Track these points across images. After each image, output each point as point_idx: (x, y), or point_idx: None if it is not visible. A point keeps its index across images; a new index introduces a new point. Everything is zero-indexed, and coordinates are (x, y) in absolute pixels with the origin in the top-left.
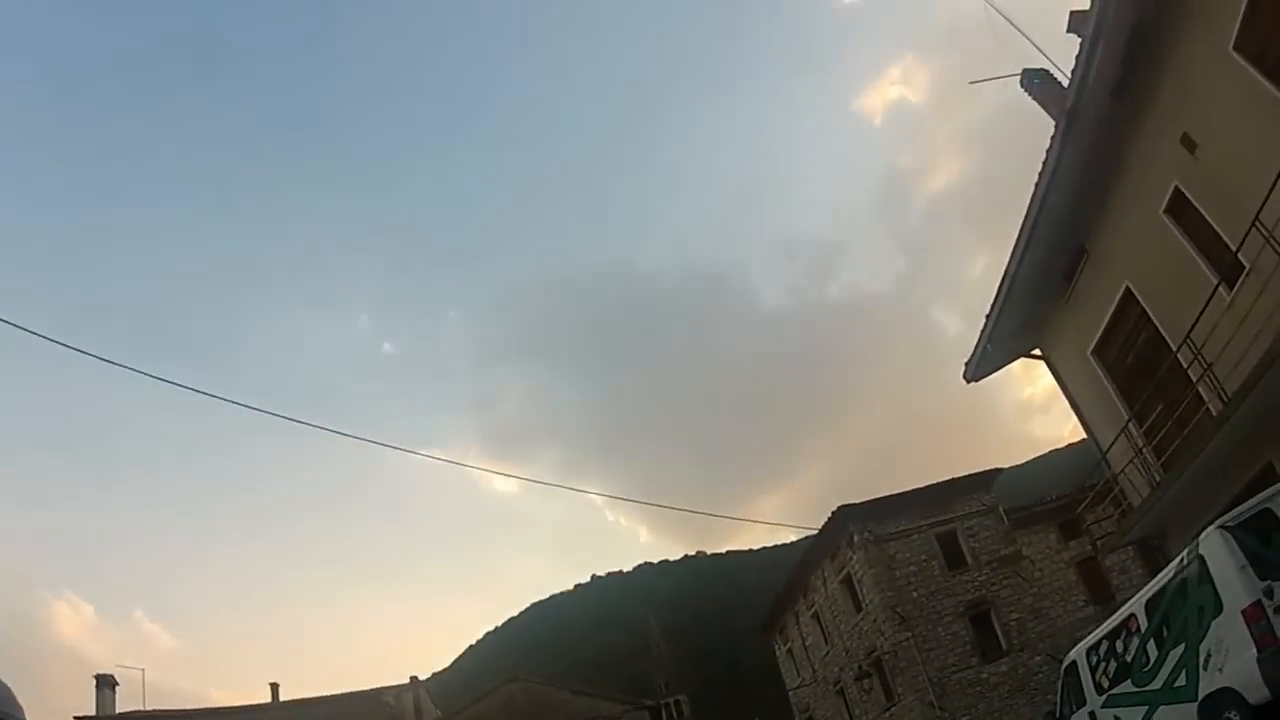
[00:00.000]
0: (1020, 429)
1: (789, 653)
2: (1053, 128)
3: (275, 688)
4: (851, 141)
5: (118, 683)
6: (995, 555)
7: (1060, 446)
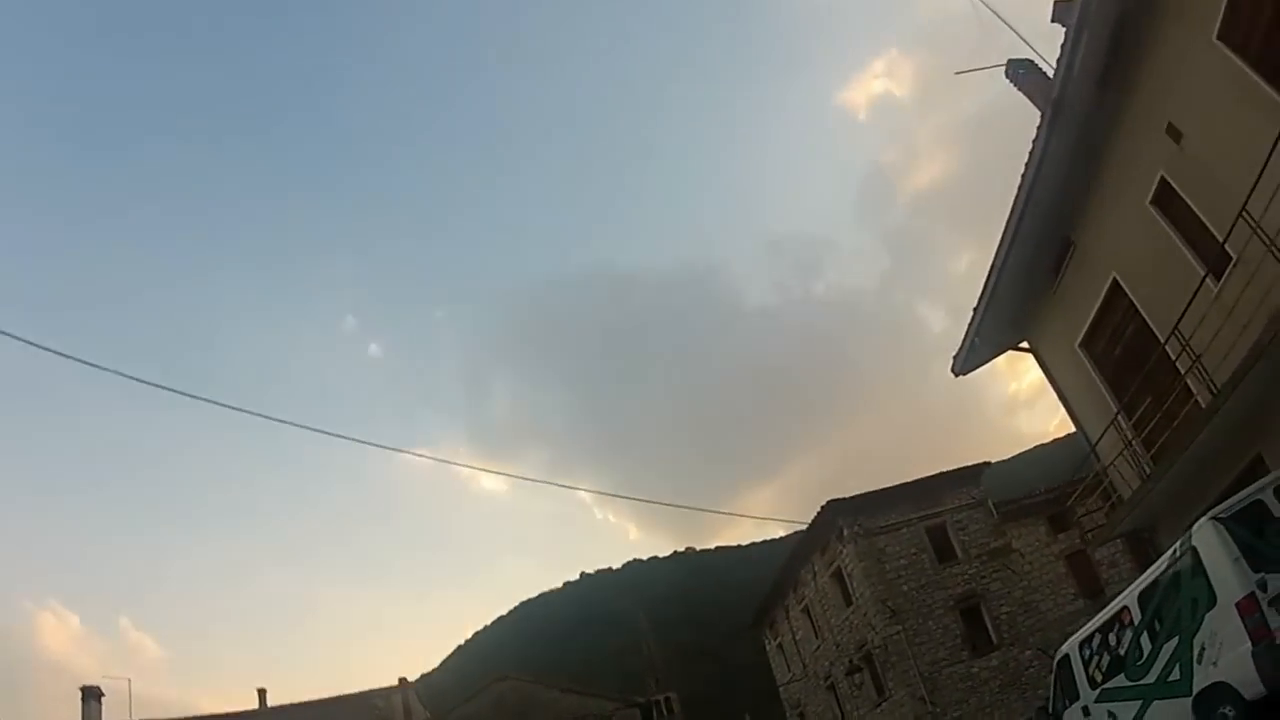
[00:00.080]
0: (1006, 424)
1: (779, 647)
2: (1038, 120)
3: (263, 693)
4: (835, 137)
5: (104, 694)
6: (985, 549)
7: (1046, 441)
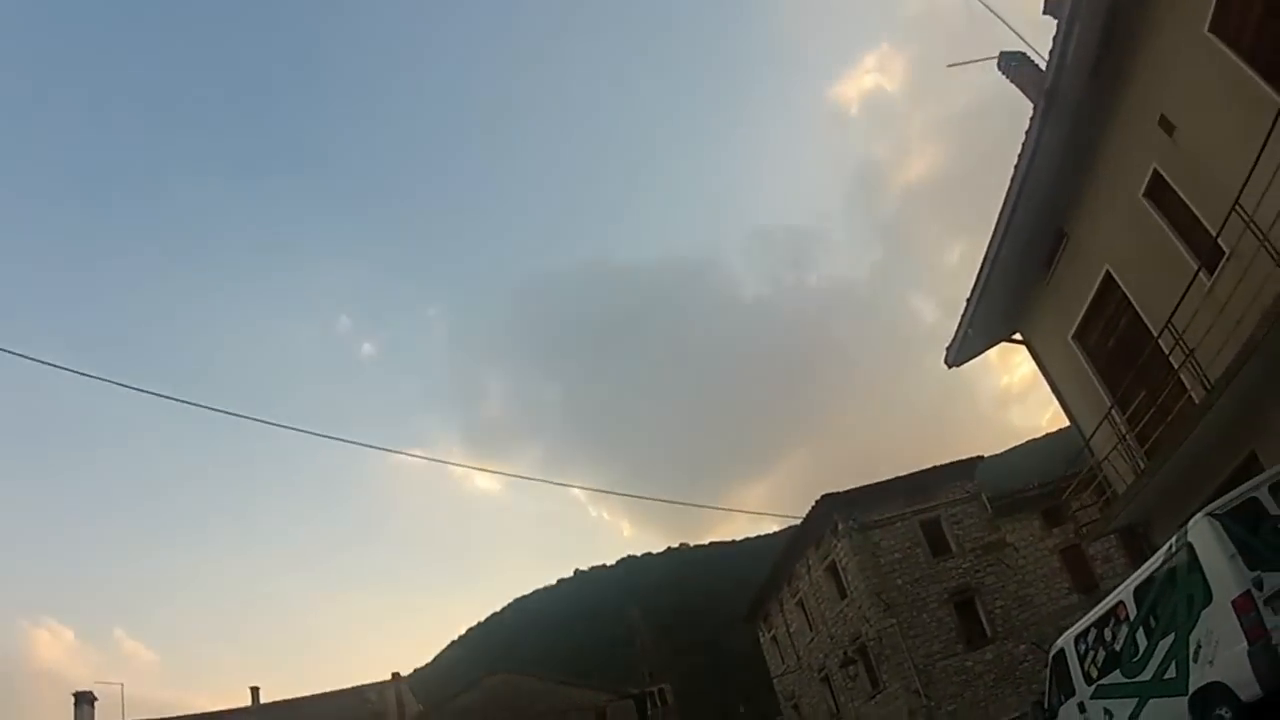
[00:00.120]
0: (998, 418)
1: (773, 639)
2: (1031, 112)
3: (255, 691)
4: (828, 131)
5: (96, 698)
6: (979, 542)
7: (1039, 436)
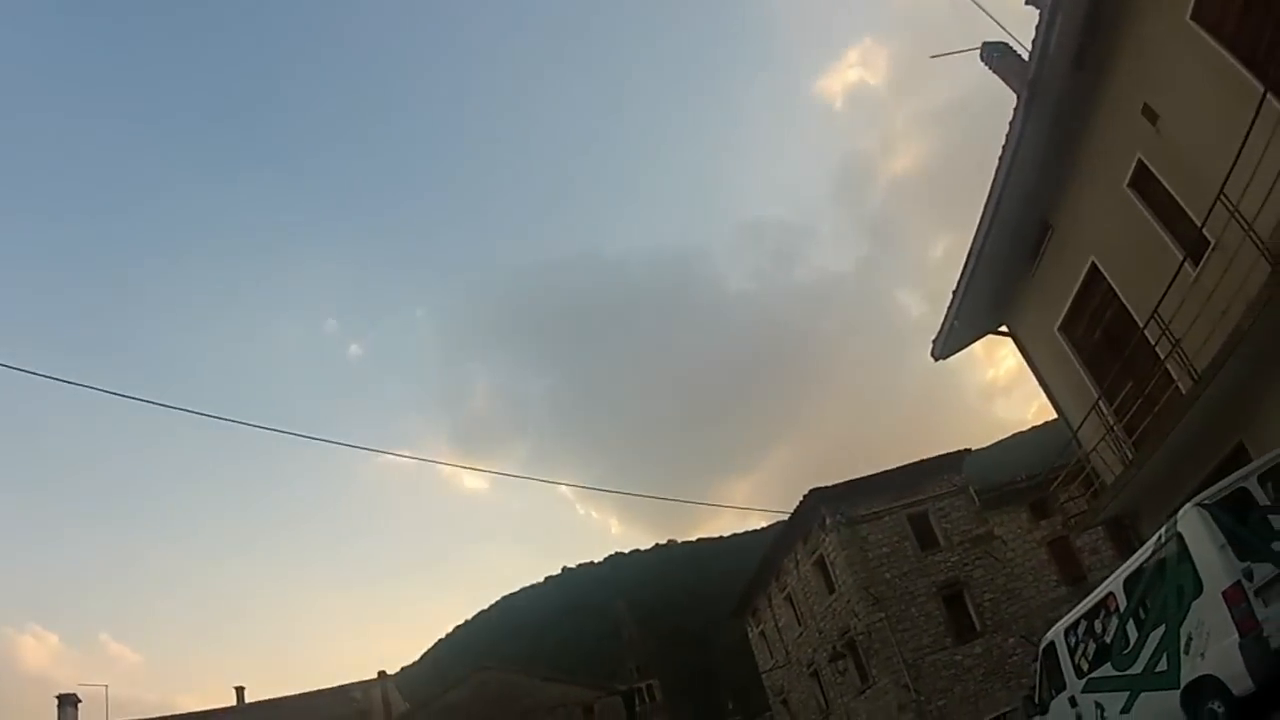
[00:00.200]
0: (984, 411)
1: (762, 634)
2: (1014, 103)
3: (240, 690)
4: (812, 125)
5: (80, 700)
6: (967, 536)
7: (1025, 429)
